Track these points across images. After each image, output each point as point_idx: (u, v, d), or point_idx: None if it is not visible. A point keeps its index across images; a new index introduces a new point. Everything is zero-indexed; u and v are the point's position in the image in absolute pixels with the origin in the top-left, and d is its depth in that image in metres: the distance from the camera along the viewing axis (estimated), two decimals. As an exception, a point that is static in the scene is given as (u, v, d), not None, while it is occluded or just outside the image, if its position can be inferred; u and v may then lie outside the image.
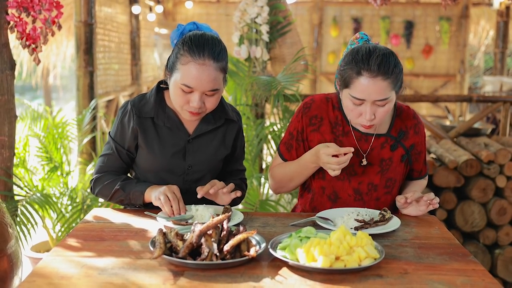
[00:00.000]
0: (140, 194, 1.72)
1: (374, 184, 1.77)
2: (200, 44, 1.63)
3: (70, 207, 3.07)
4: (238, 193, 1.70)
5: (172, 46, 1.75)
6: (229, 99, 3.46)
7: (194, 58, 1.61)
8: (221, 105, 1.83)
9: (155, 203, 1.66)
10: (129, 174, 1.89)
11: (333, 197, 1.80)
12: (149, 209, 1.74)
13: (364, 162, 1.75)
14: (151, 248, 1.32)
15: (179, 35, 1.72)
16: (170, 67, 1.69)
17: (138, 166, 1.82)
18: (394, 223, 1.57)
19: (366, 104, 1.62)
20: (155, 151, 1.76)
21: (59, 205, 3.04)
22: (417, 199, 1.69)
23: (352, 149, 1.61)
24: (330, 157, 1.61)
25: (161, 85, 1.80)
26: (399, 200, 1.70)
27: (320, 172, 1.80)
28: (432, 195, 1.68)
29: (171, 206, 1.61)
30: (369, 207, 1.77)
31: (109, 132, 1.83)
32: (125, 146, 1.78)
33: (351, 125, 1.77)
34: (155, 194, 1.66)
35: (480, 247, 3.20)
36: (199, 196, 1.67)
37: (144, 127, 1.75)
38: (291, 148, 1.85)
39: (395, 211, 1.80)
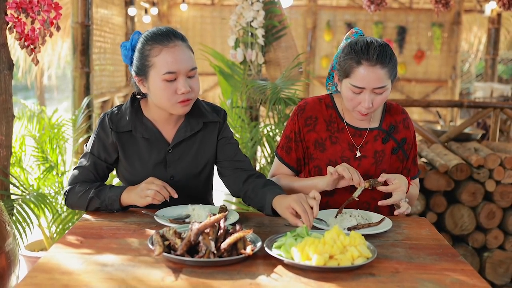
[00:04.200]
0: (115, 199, 1.67)
1: (369, 176, 1.83)
2: (162, 32, 1.66)
3: (65, 207, 3.09)
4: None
5: (125, 62, 1.76)
6: (227, 103, 3.50)
7: (164, 44, 1.62)
8: (198, 109, 1.80)
9: (143, 202, 1.62)
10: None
11: (331, 192, 1.84)
12: (125, 212, 1.71)
13: (358, 154, 1.83)
14: (150, 246, 1.35)
15: (130, 47, 1.71)
16: (140, 71, 1.67)
17: (122, 178, 1.82)
18: (386, 224, 1.61)
19: (365, 92, 1.70)
20: (136, 164, 1.76)
21: (54, 204, 3.06)
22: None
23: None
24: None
25: (136, 97, 1.79)
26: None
27: (317, 168, 1.85)
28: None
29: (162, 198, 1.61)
30: (365, 198, 1.83)
31: (85, 145, 1.80)
32: (104, 159, 1.76)
33: (346, 121, 1.86)
34: (138, 195, 1.63)
35: (469, 250, 3.25)
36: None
37: (123, 141, 1.74)
38: (290, 150, 1.89)
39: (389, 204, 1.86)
